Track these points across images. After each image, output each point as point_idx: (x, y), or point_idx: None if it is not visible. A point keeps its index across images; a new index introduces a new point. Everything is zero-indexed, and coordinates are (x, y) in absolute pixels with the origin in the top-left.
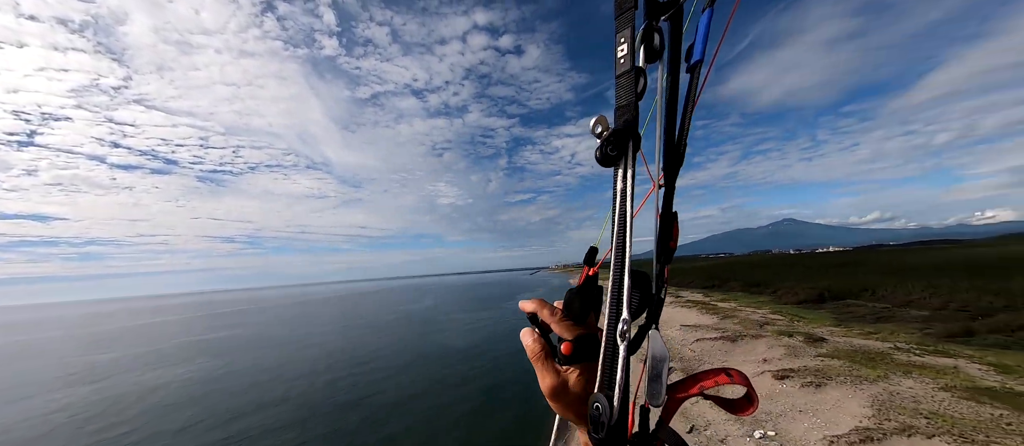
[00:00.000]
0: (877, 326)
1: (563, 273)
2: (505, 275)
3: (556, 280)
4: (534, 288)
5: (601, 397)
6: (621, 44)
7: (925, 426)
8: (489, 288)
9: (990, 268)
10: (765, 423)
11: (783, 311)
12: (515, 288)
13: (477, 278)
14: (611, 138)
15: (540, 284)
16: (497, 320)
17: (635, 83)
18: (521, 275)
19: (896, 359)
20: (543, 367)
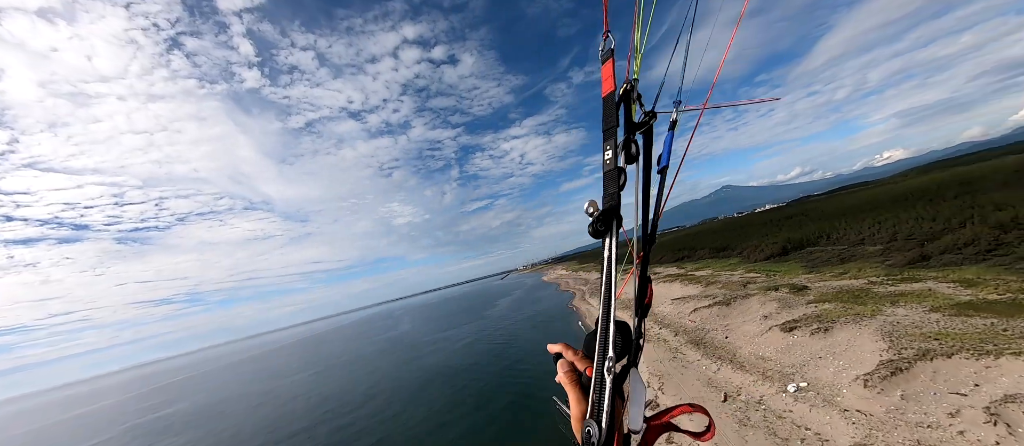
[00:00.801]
0: (844, 266)
1: (533, 272)
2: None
3: (529, 280)
4: (511, 292)
5: (592, 423)
6: (607, 151)
7: (939, 347)
8: (463, 301)
9: (911, 199)
10: (793, 376)
11: (756, 268)
12: (490, 296)
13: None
14: (600, 217)
15: (515, 287)
16: (482, 332)
17: (618, 179)
18: (492, 282)
19: (877, 292)
20: (574, 394)
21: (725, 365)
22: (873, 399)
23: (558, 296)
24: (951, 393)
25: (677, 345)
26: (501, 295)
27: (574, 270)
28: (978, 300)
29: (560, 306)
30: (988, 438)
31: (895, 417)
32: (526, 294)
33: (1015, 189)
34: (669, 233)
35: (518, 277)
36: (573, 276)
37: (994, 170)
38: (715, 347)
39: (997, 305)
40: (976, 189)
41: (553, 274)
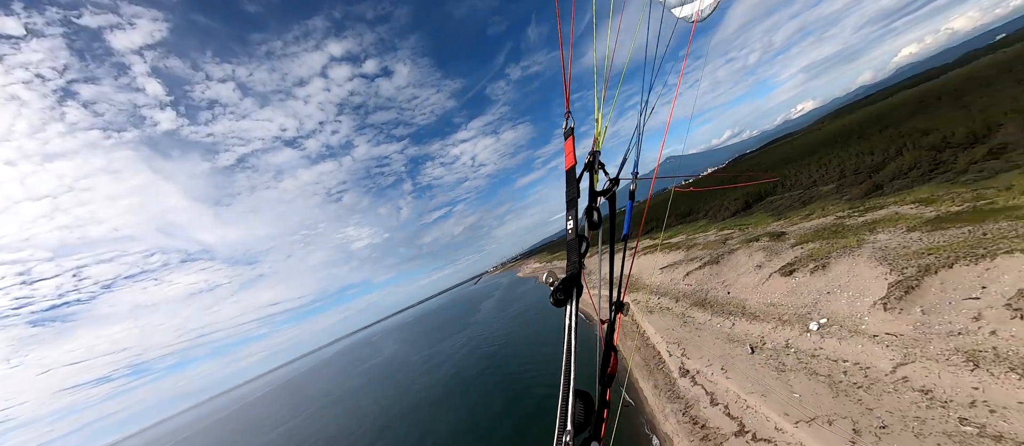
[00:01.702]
0: (808, 208)
1: (505, 271)
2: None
3: (503, 279)
4: (490, 294)
5: None
6: (569, 220)
7: (936, 261)
8: (443, 312)
9: (841, 140)
10: (810, 315)
11: (727, 225)
12: (470, 302)
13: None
14: (559, 286)
15: (492, 289)
16: (476, 339)
17: (579, 247)
18: (466, 288)
19: (850, 224)
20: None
21: (739, 318)
22: (897, 320)
23: (540, 290)
24: (965, 299)
25: (682, 310)
26: (481, 299)
27: (548, 261)
28: (945, 214)
29: (544, 298)
30: (1020, 330)
31: (924, 332)
32: (506, 293)
33: (928, 116)
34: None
35: (491, 279)
36: (549, 267)
37: (901, 103)
38: (721, 304)
39: (963, 215)
40: (894, 122)
41: (527, 269)
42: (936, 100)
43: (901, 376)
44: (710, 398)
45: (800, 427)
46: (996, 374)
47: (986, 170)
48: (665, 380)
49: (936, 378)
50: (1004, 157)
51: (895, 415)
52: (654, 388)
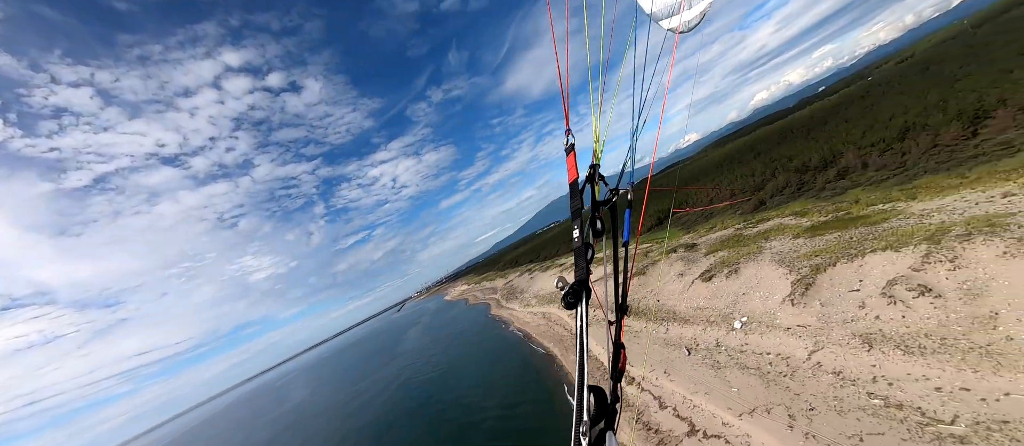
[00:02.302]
0: (711, 222)
1: (431, 296)
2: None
3: (430, 304)
4: (416, 320)
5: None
6: (575, 229)
7: (822, 262)
8: (363, 345)
9: (726, 166)
10: (732, 314)
11: (645, 239)
12: (393, 331)
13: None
14: (570, 291)
15: (418, 315)
16: (406, 370)
17: (585, 253)
18: (388, 317)
19: (748, 234)
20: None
21: (671, 324)
22: (803, 313)
23: (471, 311)
24: (850, 291)
25: None
26: (407, 327)
27: (476, 282)
28: (817, 223)
29: (479, 319)
30: (896, 314)
31: (826, 322)
32: (435, 318)
33: (789, 145)
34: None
35: (416, 304)
36: (478, 288)
37: (765, 136)
38: (653, 311)
39: (831, 223)
40: (764, 150)
41: (455, 291)
42: (792, 133)
43: (815, 362)
44: (658, 402)
45: (743, 419)
46: (886, 352)
47: (838, 188)
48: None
49: (843, 361)
50: (848, 178)
51: (818, 397)
52: None
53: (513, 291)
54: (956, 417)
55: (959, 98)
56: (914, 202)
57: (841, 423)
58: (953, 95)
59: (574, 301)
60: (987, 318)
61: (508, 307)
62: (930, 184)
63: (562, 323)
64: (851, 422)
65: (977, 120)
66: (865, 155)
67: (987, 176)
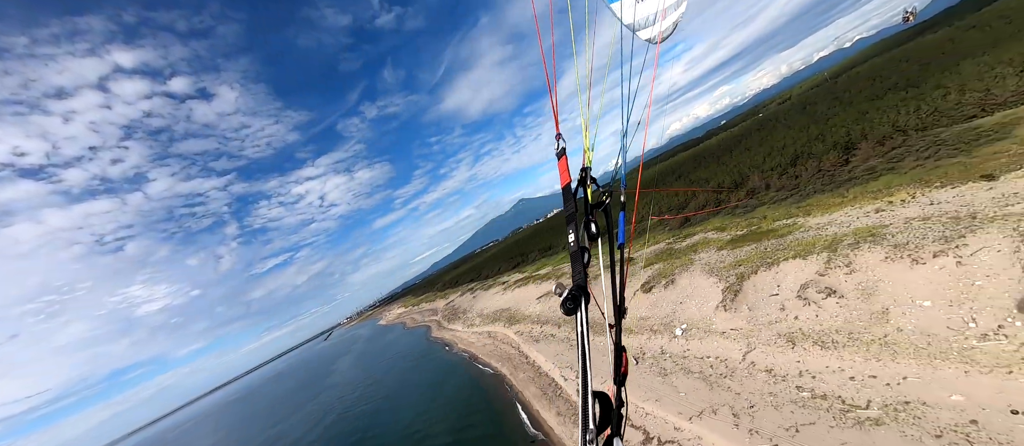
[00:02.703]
0: (643, 238)
1: (363, 321)
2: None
3: (362, 330)
4: (348, 349)
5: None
6: (570, 234)
7: (745, 270)
8: (285, 380)
9: (650, 185)
10: (672, 323)
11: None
12: (321, 362)
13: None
14: (568, 296)
15: (350, 343)
16: (337, 405)
17: (582, 257)
18: (314, 347)
19: (678, 248)
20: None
21: None
22: (734, 317)
23: (410, 334)
24: (770, 295)
25: (566, 334)
26: (337, 356)
27: (414, 304)
28: (735, 237)
29: (419, 343)
30: (811, 314)
31: (754, 324)
32: (369, 345)
33: (704, 170)
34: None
35: (347, 331)
36: (417, 310)
37: (682, 160)
38: (599, 324)
39: (747, 236)
40: (684, 173)
41: (391, 315)
42: (705, 158)
43: (750, 362)
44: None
45: (693, 422)
46: (807, 348)
47: (748, 206)
48: (566, 405)
49: (772, 359)
50: (756, 197)
51: (756, 394)
52: (557, 415)
53: (455, 311)
54: (870, 402)
55: (832, 132)
56: (810, 218)
57: (778, 417)
58: (828, 130)
59: (574, 307)
60: (881, 313)
61: (450, 328)
62: (820, 202)
63: (509, 342)
64: (787, 415)
65: (848, 150)
66: (767, 178)
67: (861, 195)
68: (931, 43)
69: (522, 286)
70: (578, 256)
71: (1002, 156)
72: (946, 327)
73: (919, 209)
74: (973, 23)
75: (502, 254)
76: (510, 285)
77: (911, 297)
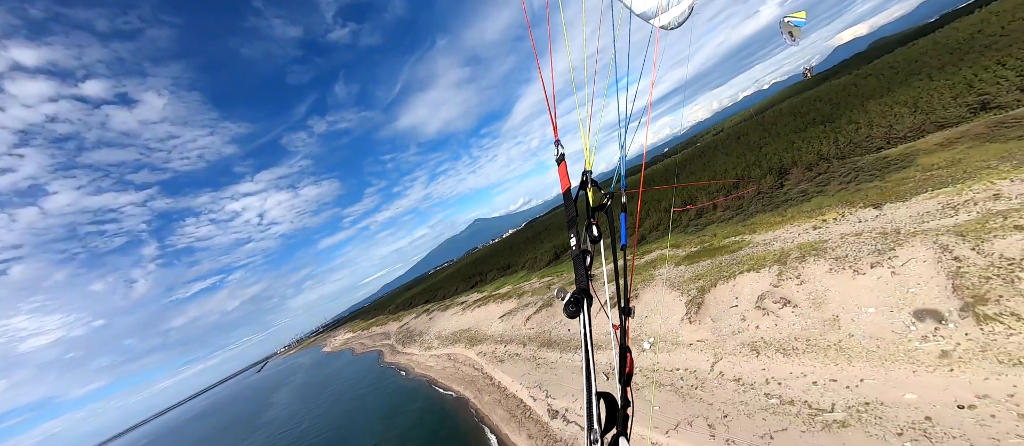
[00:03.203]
0: (602, 256)
1: (305, 348)
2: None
3: (304, 358)
4: (286, 380)
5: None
6: (572, 238)
7: (705, 284)
8: (210, 419)
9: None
10: (640, 337)
11: (545, 273)
12: (255, 395)
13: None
14: (571, 300)
15: (288, 373)
16: (277, 443)
17: (584, 261)
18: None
19: (638, 265)
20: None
21: None
22: (699, 329)
23: (359, 361)
24: (731, 307)
25: (532, 353)
26: (274, 388)
27: (364, 328)
28: (691, 253)
29: (370, 369)
30: (770, 323)
31: (719, 335)
32: (312, 374)
33: (653, 191)
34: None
35: (285, 360)
36: (366, 335)
37: (634, 183)
38: (566, 341)
39: (701, 253)
40: (634, 195)
41: (337, 341)
42: (653, 181)
43: (718, 372)
44: None
45: (670, 435)
46: (770, 356)
47: (699, 224)
48: (537, 427)
49: (739, 368)
50: (704, 216)
51: (728, 404)
52: (529, 438)
53: (410, 334)
54: (834, 405)
55: (767, 159)
56: (756, 235)
57: (752, 425)
58: (763, 157)
59: (576, 310)
60: (832, 320)
61: (406, 352)
62: (763, 221)
63: (471, 363)
64: (759, 423)
65: (781, 175)
66: (714, 199)
67: (798, 215)
68: (838, 86)
69: (482, 305)
70: (580, 259)
71: (909, 181)
72: (891, 331)
73: (850, 226)
74: (869, 72)
75: (459, 274)
76: (469, 305)
77: (857, 304)
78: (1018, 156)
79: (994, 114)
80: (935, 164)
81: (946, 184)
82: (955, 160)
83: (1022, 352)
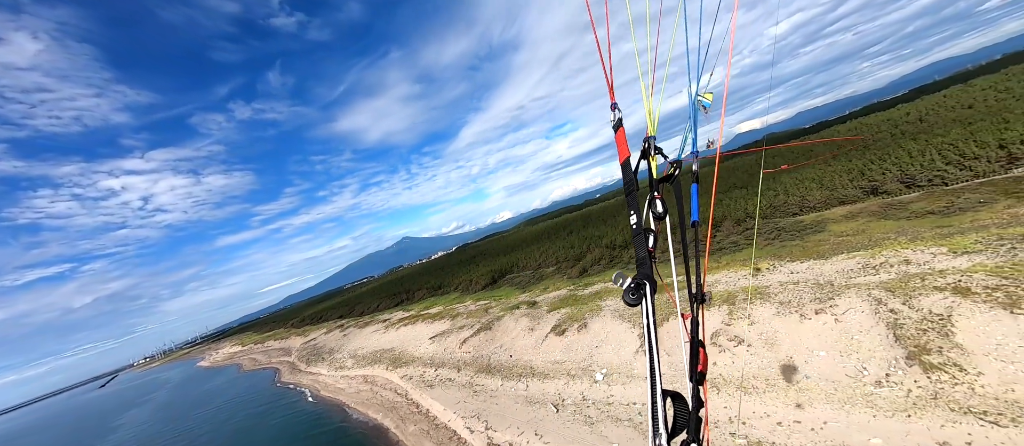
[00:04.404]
0: (544, 283)
1: (172, 361)
2: (39, 409)
3: (170, 373)
4: (144, 397)
5: None
6: (631, 215)
7: (659, 317)
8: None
9: (545, 238)
10: (591, 368)
11: (482, 296)
12: (98, 415)
13: None
14: (632, 286)
15: (146, 390)
16: None
17: (646, 241)
18: (82, 395)
19: (582, 295)
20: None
21: (531, 379)
22: None
23: (247, 378)
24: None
25: (468, 379)
26: (123, 407)
27: (258, 341)
28: None
29: (262, 389)
30: (727, 360)
31: (676, 370)
32: (182, 392)
33: (591, 228)
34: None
35: (143, 375)
36: (260, 349)
37: (570, 220)
38: (508, 368)
39: None
40: (575, 229)
41: (220, 354)
42: (592, 219)
43: None
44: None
45: None
46: (731, 394)
47: None
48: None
49: None
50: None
51: None
52: None
53: (317, 351)
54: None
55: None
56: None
57: None
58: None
59: (638, 297)
60: (787, 361)
61: (310, 371)
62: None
63: (393, 387)
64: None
65: (715, 226)
66: None
67: (733, 262)
68: (751, 161)
69: (409, 324)
70: (642, 239)
71: (826, 243)
72: (845, 375)
73: (785, 276)
74: (773, 154)
75: (383, 290)
76: (393, 323)
77: (808, 347)
78: (910, 232)
79: (883, 197)
80: (844, 231)
81: (859, 248)
82: (860, 230)
83: (969, 400)
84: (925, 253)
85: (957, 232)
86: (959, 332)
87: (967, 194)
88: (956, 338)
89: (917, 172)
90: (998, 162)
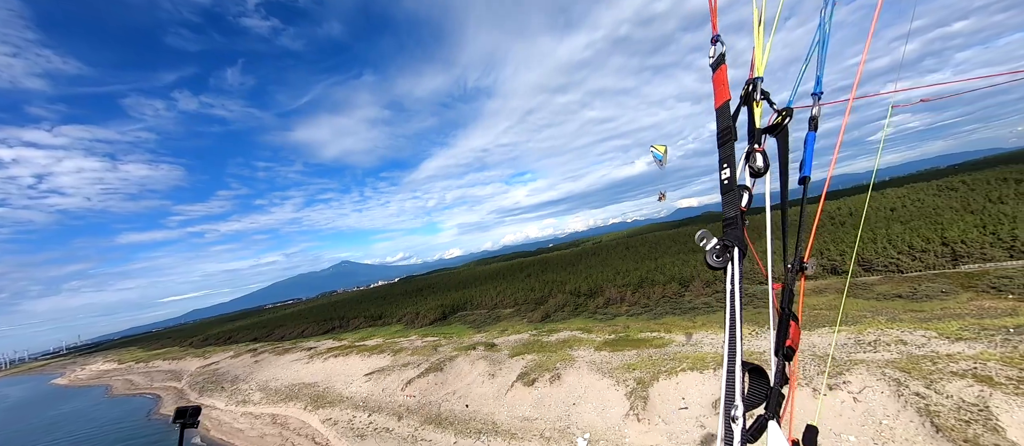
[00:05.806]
0: (501, 325)
1: (15, 375)
2: None
3: (8, 389)
4: None
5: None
6: (725, 167)
7: (644, 376)
8: None
9: (502, 277)
10: (570, 429)
11: (430, 332)
12: None
13: None
14: (717, 248)
15: None
16: None
17: (738, 200)
18: None
19: (547, 341)
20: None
21: (493, 437)
22: (652, 431)
23: (115, 406)
24: (680, 409)
25: (411, 430)
26: None
27: (141, 359)
28: (608, 339)
29: (132, 421)
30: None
31: (675, 440)
32: (15, 415)
33: (552, 274)
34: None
35: None
36: (141, 369)
37: (528, 263)
38: (463, 420)
39: (619, 342)
40: (534, 273)
41: (86, 370)
42: (551, 264)
43: None
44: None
45: None
46: None
47: (607, 313)
48: None
49: None
50: (611, 307)
51: None
52: None
53: (217, 378)
54: None
55: (667, 269)
56: (673, 334)
57: None
58: (662, 266)
59: (724, 260)
60: None
61: (203, 402)
62: (675, 323)
63: (311, 433)
64: None
65: (683, 284)
66: (622, 292)
67: (709, 323)
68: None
69: (341, 355)
70: (734, 196)
71: (802, 315)
72: None
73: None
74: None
75: (311, 313)
76: (321, 352)
77: (832, 430)
78: (886, 313)
79: (842, 277)
80: (817, 305)
81: (843, 323)
82: (833, 305)
83: None
84: (915, 334)
85: (933, 318)
86: (1008, 427)
87: (926, 283)
88: (1008, 433)
89: (873, 257)
90: (944, 257)
